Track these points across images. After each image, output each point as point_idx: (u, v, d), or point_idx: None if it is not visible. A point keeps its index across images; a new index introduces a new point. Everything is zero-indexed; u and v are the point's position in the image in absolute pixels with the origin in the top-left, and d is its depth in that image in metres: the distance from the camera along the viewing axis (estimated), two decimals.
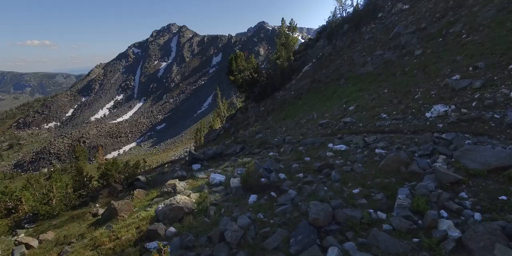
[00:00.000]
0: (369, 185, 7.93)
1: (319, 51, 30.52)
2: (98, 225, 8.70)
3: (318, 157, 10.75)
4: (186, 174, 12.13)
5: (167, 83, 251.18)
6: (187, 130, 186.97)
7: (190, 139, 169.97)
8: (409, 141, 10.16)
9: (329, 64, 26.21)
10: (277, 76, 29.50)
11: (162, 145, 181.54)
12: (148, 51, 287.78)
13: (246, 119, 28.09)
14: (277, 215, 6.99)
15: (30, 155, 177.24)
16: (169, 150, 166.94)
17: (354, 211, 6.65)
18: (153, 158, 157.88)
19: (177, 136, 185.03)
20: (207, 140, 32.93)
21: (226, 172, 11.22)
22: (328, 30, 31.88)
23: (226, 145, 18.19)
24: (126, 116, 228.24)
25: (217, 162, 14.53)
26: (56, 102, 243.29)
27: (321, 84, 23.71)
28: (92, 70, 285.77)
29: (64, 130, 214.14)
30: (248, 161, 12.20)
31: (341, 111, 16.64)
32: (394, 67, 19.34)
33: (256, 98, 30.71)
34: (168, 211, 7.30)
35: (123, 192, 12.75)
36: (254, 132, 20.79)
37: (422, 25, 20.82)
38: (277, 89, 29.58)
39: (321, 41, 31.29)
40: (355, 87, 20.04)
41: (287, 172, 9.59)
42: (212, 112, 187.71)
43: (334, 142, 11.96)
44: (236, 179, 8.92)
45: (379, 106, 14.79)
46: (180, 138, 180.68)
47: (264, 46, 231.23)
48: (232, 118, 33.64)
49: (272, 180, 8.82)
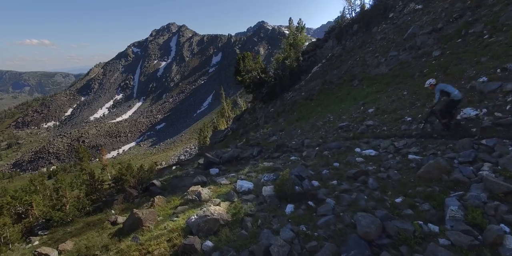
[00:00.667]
0: (411, 194, 7.48)
1: (328, 51, 30.05)
2: (121, 235, 8.20)
3: (347, 162, 10.29)
4: (206, 180, 11.65)
5: (166, 82, 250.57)
6: (187, 129, 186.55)
7: (190, 139, 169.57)
8: (444, 147, 9.70)
9: (340, 65, 25.74)
10: (285, 76, 29.01)
11: (161, 144, 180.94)
12: (147, 50, 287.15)
13: (254, 120, 27.59)
14: (320, 227, 6.53)
15: (29, 155, 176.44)
16: (168, 149, 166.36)
17: (405, 223, 6.19)
18: (153, 158, 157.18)
19: (177, 136, 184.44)
20: (213, 141, 32.41)
21: (250, 178, 10.74)
22: (337, 30, 31.39)
23: (240, 147, 17.73)
24: (125, 116, 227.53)
25: (234, 166, 14.06)
26: (55, 101, 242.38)
27: (333, 85, 23.24)
28: (91, 69, 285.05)
29: (63, 129, 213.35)
30: (270, 167, 11.74)
31: (360, 114, 16.19)
32: (411, 68, 18.90)
33: (264, 98, 30.23)
34: (203, 223, 6.82)
35: (139, 198, 12.25)
36: (266, 134, 20.30)
37: (438, 25, 20.40)
38: (285, 89, 29.09)
39: (330, 41, 30.80)
40: (370, 88, 19.59)
41: (318, 179, 9.14)
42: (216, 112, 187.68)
43: (361, 147, 11.50)
44: (269, 188, 8.44)
45: (401, 109, 14.35)
46: (180, 137, 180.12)
47: (264, 46, 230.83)
48: (239, 119, 33.14)
49: (306, 188, 8.36)
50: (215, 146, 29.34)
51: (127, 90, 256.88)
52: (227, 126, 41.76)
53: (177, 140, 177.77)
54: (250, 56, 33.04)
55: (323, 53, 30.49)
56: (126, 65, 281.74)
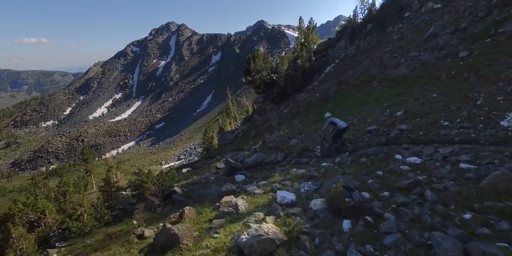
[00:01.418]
0: (480, 209, 6.73)
1: (341, 51, 29.31)
2: (155, 253, 7.42)
3: (391, 171, 9.55)
4: (236, 188, 10.87)
5: (166, 81, 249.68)
6: (187, 129, 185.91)
7: (190, 139, 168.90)
8: (500, 155, 8.97)
9: (356, 65, 24.97)
10: (297, 77, 28.20)
11: (161, 144, 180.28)
12: (147, 49, 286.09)
13: (266, 122, 26.81)
14: (389, 247, 5.78)
15: (28, 154, 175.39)
16: (168, 149, 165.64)
17: (489, 247, 5.45)
18: (153, 158, 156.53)
19: (176, 135, 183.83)
20: (222, 142, 31.63)
21: (285, 187, 9.97)
22: (349, 30, 30.65)
23: (260, 151, 16.94)
24: (124, 115, 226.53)
25: (260, 172, 13.28)
26: (54, 100, 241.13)
27: (350, 86, 22.47)
28: (90, 68, 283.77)
29: (62, 128, 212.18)
30: (304, 174, 10.98)
31: (387, 117, 15.44)
32: (435, 69, 18.18)
33: (275, 99, 29.44)
34: (256, 243, 6.05)
35: (161, 207, 11.48)
36: (284, 136, 19.49)
37: (462, 25, 19.68)
38: (297, 90, 28.30)
39: (342, 41, 30.06)
40: (393, 90, 18.85)
41: (366, 189, 8.39)
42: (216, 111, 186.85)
43: (401, 153, 10.75)
44: (319, 200, 7.68)
45: (434, 112, 13.61)
46: (180, 137, 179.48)
47: (264, 45, 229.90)
48: (249, 120, 32.32)
49: (357, 200, 7.62)
50: (225, 148, 28.54)
51: (126, 89, 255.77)
52: (235, 127, 40.81)
53: (176, 140, 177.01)
54: (261, 56, 32.24)
55: (336, 53, 29.72)
56: (125, 64, 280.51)
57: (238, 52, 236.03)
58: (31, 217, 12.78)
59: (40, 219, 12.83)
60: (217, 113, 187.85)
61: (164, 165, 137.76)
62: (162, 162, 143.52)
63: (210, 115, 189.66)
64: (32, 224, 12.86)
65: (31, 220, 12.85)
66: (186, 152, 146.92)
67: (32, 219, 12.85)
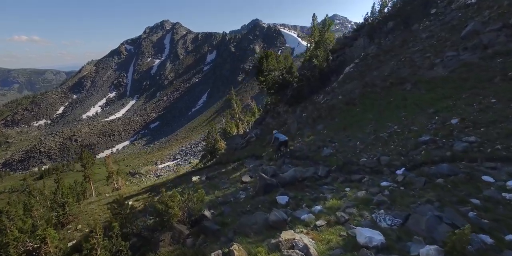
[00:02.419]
0: None
1: (359, 50, 27.35)
2: None
3: (491, 199, 7.55)
4: (286, 217, 8.78)
5: (160, 80, 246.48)
6: (182, 128, 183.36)
7: (185, 138, 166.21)
8: None
9: (380, 66, 23.01)
10: (314, 77, 26.20)
11: (156, 143, 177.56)
12: (141, 48, 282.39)
13: (281, 125, 24.77)
14: None
15: (20, 154, 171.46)
16: (164, 149, 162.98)
17: None
18: (148, 157, 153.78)
19: (172, 135, 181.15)
20: (232, 147, 29.50)
21: (353, 217, 7.93)
22: (367, 28, 28.62)
23: (289, 162, 14.93)
24: (118, 114, 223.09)
25: (302, 191, 11.22)
26: (46, 99, 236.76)
27: (377, 89, 20.49)
28: (83, 67, 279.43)
29: (55, 128, 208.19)
30: (367, 198, 8.96)
31: (439, 125, 13.45)
32: (483, 71, 16.28)
33: (289, 101, 27.43)
34: None
35: (191, 237, 9.39)
36: (312, 144, 17.43)
37: (510, 20, 17.83)
38: (314, 91, 26.32)
39: (360, 39, 28.06)
40: (433, 94, 16.90)
41: (476, 228, 6.38)
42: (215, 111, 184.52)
43: (490, 175, 8.77)
44: (433, 249, 5.62)
45: (503, 121, 11.67)
46: (175, 136, 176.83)
47: (260, 44, 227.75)
48: (261, 123, 30.21)
49: (479, 248, 5.63)
50: (237, 153, 26.47)
51: (120, 88, 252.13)
52: (244, 130, 38.48)
53: (172, 139, 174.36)
54: (274, 55, 30.16)
55: (354, 53, 27.73)
56: (119, 62, 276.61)
57: (234, 51, 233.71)
58: (29, 245, 10.64)
59: (39, 248, 10.71)
60: (212, 113, 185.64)
61: (160, 165, 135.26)
62: (157, 161, 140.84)
63: (206, 114, 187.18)
64: (31, 254, 10.73)
65: (29, 249, 10.71)
66: (182, 152, 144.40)
67: (30, 248, 10.72)
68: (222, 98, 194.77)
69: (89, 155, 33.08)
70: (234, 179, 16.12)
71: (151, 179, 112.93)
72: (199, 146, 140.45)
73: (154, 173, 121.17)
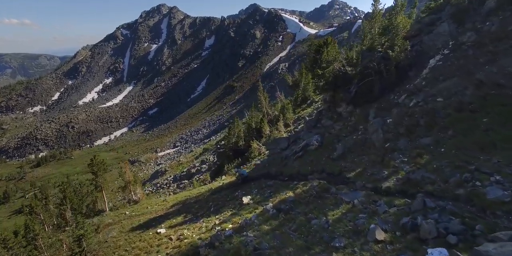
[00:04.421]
0: None
1: (443, 38, 22.47)
2: None
3: None
4: None
5: (158, 66, 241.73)
6: (181, 115, 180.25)
7: (185, 125, 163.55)
8: None
9: (493, 58, 17.28)
10: (390, 72, 21.89)
11: (155, 130, 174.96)
12: (137, 32, 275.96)
13: (352, 132, 20.78)
14: None
15: (15, 141, 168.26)
16: (163, 136, 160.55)
17: None
18: (147, 145, 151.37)
19: (171, 122, 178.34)
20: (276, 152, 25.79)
21: None
22: (452, 9, 23.92)
23: (423, 207, 9.91)
24: (116, 100, 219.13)
25: None
26: (41, 85, 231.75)
27: (508, 90, 15.04)
28: (78, 52, 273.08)
29: (51, 114, 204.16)
30: None
31: None
32: None
33: (354, 100, 23.34)
34: None
35: None
36: (441, 172, 12.01)
37: None
38: (387, 89, 22.00)
39: (443, 24, 23.50)
40: None
41: None
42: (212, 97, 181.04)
43: None
44: None
45: None
46: (174, 123, 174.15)
47: (261, 29, 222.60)
48: (316, 126, 26.24)
49: None
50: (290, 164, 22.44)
51: (117, 73, 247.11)
52: (286, 130, 33.95)
53: (171, 126, 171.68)
54: (335, 42, 25.95)
55: (435, 41, 23.01)
56: (115, 47, 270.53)
57: (233, 36, 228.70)
58: None
59: None
60: (212, 99, 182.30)
61: (160, 153, 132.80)
62: (157, 149, 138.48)
63: (206, 101, 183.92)
64: None
65: None
66: (182, 139, 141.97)
67: None
68: (222, 84, 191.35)
69: (100, 162, 29.21)
70: (344, 225, 10.81)
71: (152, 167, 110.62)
72: (199, 134, 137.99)
73: (155, 161, 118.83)
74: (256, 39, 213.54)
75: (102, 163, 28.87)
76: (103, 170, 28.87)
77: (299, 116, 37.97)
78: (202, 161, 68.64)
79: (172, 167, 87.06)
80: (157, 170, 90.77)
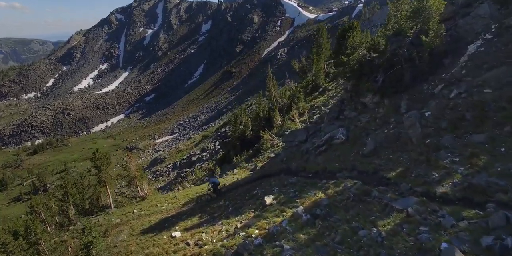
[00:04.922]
0: None
1: (483, 21, 20.21)
2: None
3: None
4: None
5: (154, 51, 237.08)
6: (179, 101, 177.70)
7: (182, 111, 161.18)
8: None
9: None
10: (422, 59, 19.52)
11: (152, 117, 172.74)
12: (132, 17, 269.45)
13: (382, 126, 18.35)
14: None
15: (10, 128, 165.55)
16: (160, 122, 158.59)
17: None
18: (145, 131, 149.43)
19: (168, 108, 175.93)
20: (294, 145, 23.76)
21: None
22: None
23: None
24: (111, 86, 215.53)
25: None
26: (34, 71, 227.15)
27: None
28: (72, 37, 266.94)
29: (46, 101, 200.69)
30: None
31: None
32: None
33: (381, 90, 20.94)
34: None
35: None
36: None
37: None
38: (419, 78, 19.63)
39: (482, 6, 21.03)
40: None
41: None
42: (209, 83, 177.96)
43: None
44: None
45: None
46: (172, 109, 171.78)
47: (258, 14, 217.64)
48: (338, 117, 23.84)
49: None
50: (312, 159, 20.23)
51: (112, 59, 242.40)
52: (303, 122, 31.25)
53: (169, 113, 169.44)
54: (359, 27, 23.73)
55: (474, 25, 20.62)
56: (109, 32, 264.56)
57: (230, 20, 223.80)
58: None
59: None
60: (210, 85, 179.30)
61: (158, 140, 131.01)
62: (155, 136, 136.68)
63: (203, 87, 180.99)
64: None
65: None
66: (180, 126, 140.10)
67: None
68: (220, 70, 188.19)
69: (103, 156, 26.94)
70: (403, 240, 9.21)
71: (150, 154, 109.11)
72: (197, 120, 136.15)
73: (153, 148, 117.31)
74: (254, 24, 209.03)
75: (106, 156, 26.90)
76: (107, 164, 26.94)
77: (313, 105, 35.66)
78: (202, 149, 66.87)
79: (171, 154, 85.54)
80: (156, 158, 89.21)
